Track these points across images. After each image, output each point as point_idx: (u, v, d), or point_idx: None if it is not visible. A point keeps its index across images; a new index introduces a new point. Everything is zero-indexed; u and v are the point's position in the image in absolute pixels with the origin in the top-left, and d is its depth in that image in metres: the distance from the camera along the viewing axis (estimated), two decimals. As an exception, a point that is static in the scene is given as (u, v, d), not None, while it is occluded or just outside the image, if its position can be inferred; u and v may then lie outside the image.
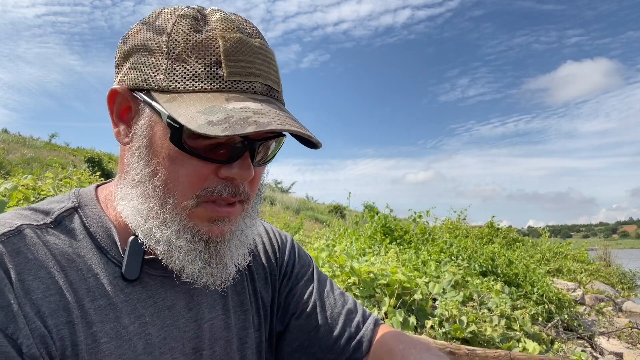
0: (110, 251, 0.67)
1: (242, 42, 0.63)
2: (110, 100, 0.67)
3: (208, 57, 0.61)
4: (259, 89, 0.63)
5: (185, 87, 0.60)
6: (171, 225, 0.63)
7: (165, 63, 0.61)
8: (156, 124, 0.63)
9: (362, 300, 3.56)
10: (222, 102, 0.59)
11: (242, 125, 0.56)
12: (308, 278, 0.91)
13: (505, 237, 13.35)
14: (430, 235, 8.27)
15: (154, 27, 0.64)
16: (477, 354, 3.04)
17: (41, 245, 0.62)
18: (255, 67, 0.63)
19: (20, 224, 0.63)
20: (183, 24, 0.62)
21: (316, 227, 14.84)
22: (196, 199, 0.63)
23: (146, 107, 0.64)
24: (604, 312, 7.57)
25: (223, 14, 0.65)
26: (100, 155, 20.79)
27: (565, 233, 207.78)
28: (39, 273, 0.60)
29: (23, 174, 8.35)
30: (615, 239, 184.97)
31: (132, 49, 0.65)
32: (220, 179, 0.63)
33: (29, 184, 5.17)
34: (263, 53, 0.65)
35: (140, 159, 0.64)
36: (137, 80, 0.63)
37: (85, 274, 0.64)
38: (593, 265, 13.68)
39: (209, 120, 0.56)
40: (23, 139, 22.09)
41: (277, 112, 0.61)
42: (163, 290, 0.70)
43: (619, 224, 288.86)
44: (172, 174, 0.62)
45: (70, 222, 0.68)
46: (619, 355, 4.85)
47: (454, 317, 3.81)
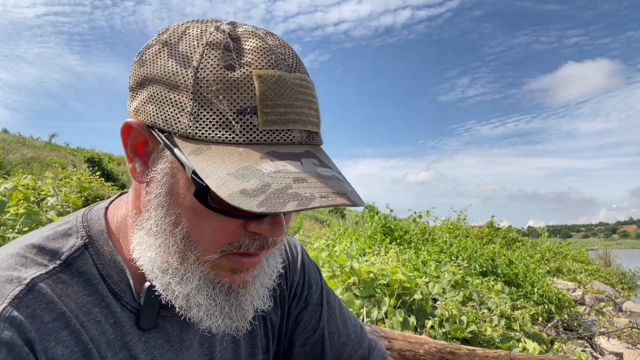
0: (124, 297, 0.63)
1: (281, 81, 0.54)
2: (124, 134, 0.59)
3: (241, 101, 0.52)
4: (298, 139, 0.55)
5: (213, 137, 0.52)
6: (192, 280, 0.58)
7: (190, 104, 0.53)
8: (179, 171, 0.56)
9: (362, 300, 3.56)
10: (256, 161, 0.51)
11: (281, 199, 0.48)
12: (317, 302, 0.87)
13: (505, 237, 13.35)
14: (430, 235, 8.27)
15: (178, 54, 0.55)
16: (477, 354, 3.04)
17: (56, 301, 0.57)
18: (294, 111, 0.54)
19: (32, 279, 0.56)
20: (213, 57, 0.53)
21: (316, 227, 14.83)
22: (220, 253, 0.58)
23: (167, 150, 0.56)
24: (604, 312, 7.56)
25: (259, 40, 0.55)
26: (100, 155, 20.80)
27: (565, 233, 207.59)
28: (60, 336, 0.55)
29: (23, 174, 8.35)
30: (615, 239, 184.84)
31: (151, 77, 0.56)
32: (249, 233, 0.57)
33: (29, 184, 5.17)
34: (304, 91, 0.56)
35: (160, 206, 0.57)
36: (157, 119, 0.56)
37: (103, 325, 0.60)
38: (593, 265, 13.69)
39: (242, 188, 0.49)
40: (23, 139, 22.09)
41: (319, 174, 0.54)
42: (179, 331, 0.68)
43: (619, 224, 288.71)
44: (195, 227, 0.56)
45: (82, 263, 0.62)
46: (619, 355, 4.85)
47: (454, 317, 3.81)
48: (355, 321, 0.92)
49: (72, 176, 7.92)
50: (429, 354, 2.88)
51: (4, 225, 3.26)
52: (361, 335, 0.90)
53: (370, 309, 3.47)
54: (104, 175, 13.73)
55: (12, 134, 24.00)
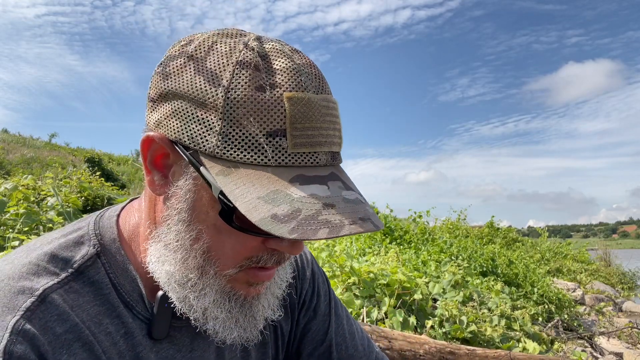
0: (136, 306, 0.63)
1: (309, 104, 0.54)
2: (144, 146, 0.59)
3: (272, 123, 0.52)
4: (323, 161, 0.55)
5: (241, 158, 0.52)
6: (209, 295, 0.59)
7: (219, 124, 0.52)
8: (203, 189, 0.56)
9: (362, 300, 3.56)
10: (285, 185, 0.52)
11: (312, 226, 0.49)
12: (325, 312, 0.87)
13: (505, 237, 13.36)
14: (430, 235, 8.28)
15: (206, 71, 0.54)
16: (477, 354, 3.04)
17: (69, 312, 0.56)
18: (321, 133, 0.55)
19: (43, 290, 0.56)
20: (243, 77, 0.53)
21: (316, 227, 14.79)
22: (239, 268, 0.59)
23: (191, 166, 0.55)
24: (604, 312, 7.57)
25: (287, 60, 0.55)
26: (100, 155, 20.81)
27: (565, 233, 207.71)
28: (72, 348, 0.55)
29: (23, 174, 8.35)
30: (615, 239, 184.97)
31: (175, 92, 0.56)
32: (267, 249, 0.58)
33: (29, 184, 5.17)
34: (329, 112, 0.57)
35: (181, 222, 0.57)
36: (182, 135, 0.55)
37: (114, 337, 0.60)
38: (593, 265, 13.69)
39: (273, 213, 0.49)
40: (23, 139, 22.10)
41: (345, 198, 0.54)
42: (189, 341, 0.68)
43: (619, 224, 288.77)
44: (216, 243, 0.57)
45: (94, 272, 0.61)
46: (619, 355, 4.85)
47: (454, 317, 3.81)
48: (363, 333, 0.92)
49: (72, 176, 7.92)
50: (429, 354, 2.88)
51: (4, 225, 3.26)
52: (369, 348, 0.90)
53: (370, 309, 3.47)
54: (104, 175, 13.73)
55: (12, 134, 24.01)
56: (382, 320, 3.44)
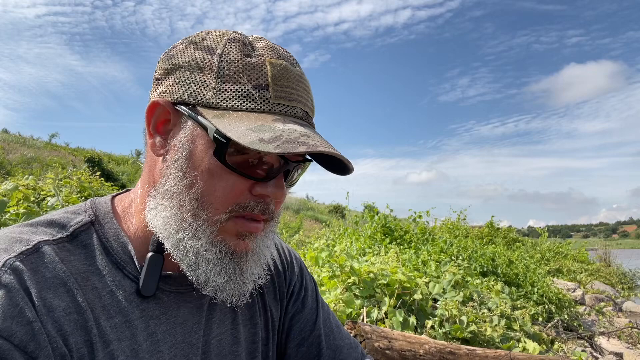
0: (126, 267, 0.67)
1: (286, 69, 0.66)
2: (149, 111, 0.68)
3: (257, 79, 0.64)
4: (299, 114, 0.67)
5: (233, 106, 0.63)
6: (202, 237, 0.64)
7: (214, 81, 0.63)
8: (198, 137, 0.64)
9: (362, 300, 3.56)
10: (269, 122, 0.62)
11: (293, 144, 0.58)
12: (313, 306, 0.92)
13: (505, 237, 13.35)
14: (430, 235, 8.27)
15: (203, 47, 0.66)
16: (477, 354, 3.04)
17: (59, 262, 0.61)
18: (297, 93, 0.67)
19: (38, 241, 0.62)
20: (234, 47, 0.65)
21: (316, 227, 14.84)
22: (229, 213, 0.64)
23: (189, 120, 0.65)
24: (604, 312, 7.57)
25: (267, 42, 0.68)
26: (100, 155, 20.81)
27: (565, 233, 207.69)
28: (58, 291, 0.59)
29: (23, 174, 8.35)
30: (615, 239, 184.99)
31: (178, 65, 0.67)
32: (253, 196, 0.65)
33: (29, 184, 5.17)
34: (303, 82, 0.69)
35: (178, 170, 0.65)
36: (183, 95, 0.65)
37: (101, 292, 0.64)
38: (593, 265, 13.69)
39: (260, 137, 0.58)
40: (23, 139, 22.10)
41: (321, 137, 0.64)
42: (176, 306, 0.71)
43: (619, 224, 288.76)
44: (209, 187, 0.63)
45: (87, 237, 0.67)
46: (619, 355, 4.85)
47: (454, 317, 3.81)
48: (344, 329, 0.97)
49: (72, 176, 7.92)
50: (429, 354, 2.88)
51: (4, 225, 3.26)
52: (355, 342, 0.95)
53: (370, 309, 3.47)
54: (104, 175, 13.74)
55: (12, 134, 24.00)
56: (382, 320, 3.44)
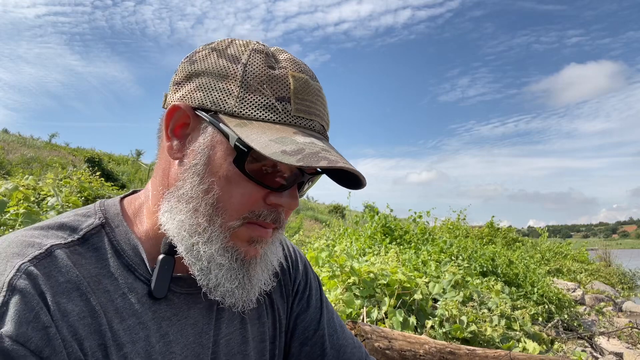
0: (138, 269, 0.68)
1: (307, 83, 0.68)
2: (169, 115, 0.68)
3: (279, 91, 0.65)
4: (317, 128, 0.68)
5: (255, 116, 0.64)
6: (216, 242, 0.65)
7: (237, 90, 0.64)
8: (218, 144, 0.65)
9: (362, 300, 3.56)
10: (290, 134, 0.63)
11: (315, 159, 0.59)
12: (317, 305, 0.93)
13: (505, 237, 13.35)
14: (430, 235, 8.27)
15: (227, 55, 0.67)
16: (477, 354, 3.04)
17: (71, 266, 0.62)
18: (316, 107, 0.68)
19: (50, 246, 0.62)
20: (258, 58, 0.66)
21: (316, 227, 14.84)
22: (242, 220, 0.66)
23: (210, 126, 0.66)
24: (604, 312, 7.56)
25: (289, 55, 0.70)
26: (100, 155, 20.81)
27: (565, 233, 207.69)
28: (72, 296, 0.59)
29: (23, 174, 8.35)
30: (615, 239, 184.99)
31: (201, 71, 0.67)
32: (267, 205, 0.66)
33: (29, 184, 5.17)
34: (321, 96, 0.71)
35: (195, 174, 0.65)
36: (205, 101, 0.66)
37: (113, 295, 0.64)
38: (593, 265, 13.69)
39: (283, 149, 0.59)
40: (23, 139, 22.10)
41: (337, 152, 0.66)
42: (187, 307, 0.71)
43: (619, 224, 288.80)
44: (225, 193, 0.65)
45: (98, 240, 0.68)
46: (619, 355, 4.85)
47: (454, 317, 3.81)
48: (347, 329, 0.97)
49: (72, 176, 7.92)
50: (429, 354, 2.88)
51: (4, 225, 3.26)
52: (358, 342, 0.96)
53: (370, 309, 3.47)
54: (104, 175, 13.72)
55: (12, 134, 24.00)
56: (382, 320, 3.44)
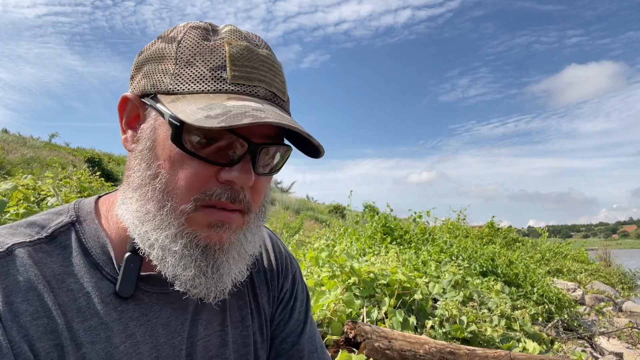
0: (105, 267, 0.66)
1: (248, 49, 0.64)
2: (120, 107, 0.68)
3: (214, 61, 0.62)
4: (262, 94, 0.64)
5: (189, 89, 0.62)
6: (167, 228, 0.62)
7: (173, 68, 0.63)
8: (160, 126, 0.63)
9: (362, 300, 3.56)
10: (222, 100, 0.60)
11: (239, 117, 0.55)
12: (301, 318, 0.88)
13: (505, 237, 13.35)
14: (430, 235, 8.27)
15: (167, 38, 0.66)
16: (477, 354, 3.04)
17: (31, 265, 0.60)
18: (260, 73, 0.64)
19: (12, 245, 0.61)
20: (193, 33, 0.65)
21: (316, 227, 14.83)
22: (194, 202, 0.62)
23: (152, 110, 0.64)
24: (604, 312, 7.56)
25: (234, 27, 0.67)
26: (100, 155, 20.79)
27: (565, 233, 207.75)
28: (28, 295, 0.58)
29: (23, 174, 8.35)
30: (615, 239, 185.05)
31: (145, 59, 0.67)
32: (220, 183, 0.62)
33: (29, 184, 5.17)
34: (269, 63, 0.66)
35: (142, 161, 0.64)
36: (146, 86, 0.65)
37: (76, 294, 0.62)
38: (593, 265, 13.68)
39: (207, 114, 0.56)
40: (23, 139, 22.08)
41: (277, 112, 0.61)
42: (158, 307, 0.69)
43: (619, 224, 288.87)
44: (172, 176, 0.62)
45: (66, 237, 0.66)
46: (619, 355, 4.85)
47: (454, 317, 3.81)
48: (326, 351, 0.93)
49: (72, 176, 7.92)
50: (429, 354, 2.88)
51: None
52: None
53: (370, 309, 3.46)
54: (104, 175, 13.72)
55: (12, 134, 23.98)
56: (382, 320, 3.44)
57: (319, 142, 0.63)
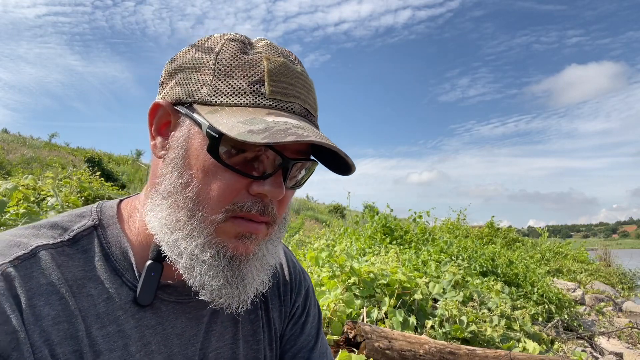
0: (125, 274, 0.66)
1: (285, 65, 0.65)
2: (151, 113, 0.68)
3: (252, 75, 0.63)
4: (298, 110, 0.65)
5: (228, 101, 0.62)
6: (197, 238, 0.62)
7: (210, 79, 0.63)
8: (195, 135, 0.63)
9: (362, 300, 3.56)
10: (263, 115, 0.60)
11: (282, 135, 0.56)
12: (313, 334, 0.89)
13: (505, 237, 13.36)
14: (430, 235, 8.27)
15: (203, 48, 0.66)
16: (477, 354, 3.04)
17: (54, 268, 0.61)
18: (295, 89, 0.65)
19: (36, 247, 0.61)
20: (231, 46, 0.65)
21: (316, 227, 14.84)
22: (225, 213, 0.62)
23: (187, 119, 0.64)
24: (604, 312, 7.56)
25: (269, 42, 0.68)
26: (100, 155, 20.79)
27: (565, 233, 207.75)
28: (50, 299, 0.59)
29: (23, 174, 8.35)
30: (615, 239, 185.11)
31: (179, 67, 0.67)
32: (251, 196, 0.63)
33: (29, 184, 5.17)
34: (304, 79, 0.68)
35: (174, 169, 0.64)
36: (181, 95, 0.65)
37: (96, 299, 0.63)
38: (593, 265, 13.68)
39: (250, 129, 0.57)
40: (23, 139, 22.08)
41: (316, 130, 0.63)
42: (174, 317, 0.69)
43: (619, 224, 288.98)
44: (204, 186, 0.62)
45: (88, 241, 0.67)
46: (619, 355, 4.85)
47: (454, 317, 3.81)
48: None
49: (72, 176, 7.92)
50: (429, 354, 2.88)
51: (4, 225, 3.26)
52: None
53: (370, 309, 3.46)
54: (103, 175, 13.72)
55: (12, 134, 23.98)
56: (382, 320, 3.44)
57: (352, 162, 0.64)
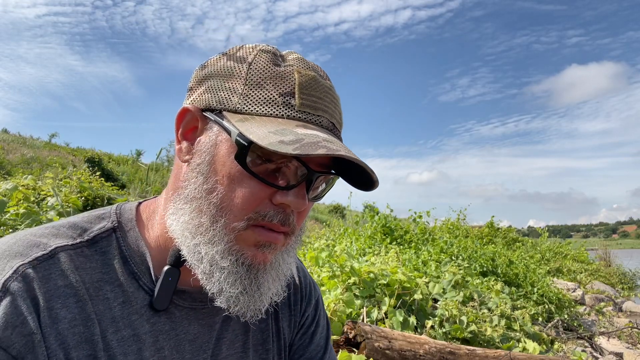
0: (142, 278, 0.67)
1: (315, 80, 0.66)
2: (179, 118, 0.68)
3: (283, 87, 0.64)
4: (325, 124, 0.66)
5: (258, 111, 0.63)
6: (218, 244, 0.62)
7: (242, 88, 0.64)
8: (222, 142, 0.64)
9: (362, 300, 3.56)
10: (292, 127, 0.61)
11: (313, 147, 0.57)
12: (321, 344, 0.90)
13: (505, 237, 13.36)
14: (430, 236, 8.27)
15: (235, 57, 0.67)
16: (477, 354, 3.04)
17: (73, 270, 0.61)
18: (324, 104, 0.67)
19: (55, 247, 0.62)
20: (264, 57, 0.66)
21: (316, 227, 14.84)
22: (247, 221, 0.63)
23: (215, 125, 0.65)
24: (604, 312, 7.57)
25: (299, 55, 0.70)
26: (100, 155, 20.79)
27: (565, 233, 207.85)
28: (68, 302, 0.59)
29: (23, 174, 8.34)
30: (615, 239, 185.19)
31: (210, 74, 0.68)
32: (274, 205, 0.63)
33: (29, 184, 5.17)
34: (332, 94, 0.69)
35: (200, 174, 0.64)
36: (211, 101, 0.66)
37: (112, 303, 0.63)
38: (593, 265, 13.69)
39: (281, 139, 0.58)
40: (23, 139, 22.08)
41: (343, 145, 0.63)
42: (187, 322, 0.70)
43: (619, 224, 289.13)
44: (228, 192, 0.62)
45: (107, 243, 0.67)
46: (619, 355, 4.85)
47: (454, 317, 3.81)
48: None
49: (72, 176, 7.91)
50: (429, 354, 2.88)
51: (4, 225, 3.26)
52: None
53: (370, 309, 3.47)
54: (104, 175, 13.72)
55: (12, 134, 23.97)
56: (382, 320, 3.44)
57: (377, 177, 0.65)
